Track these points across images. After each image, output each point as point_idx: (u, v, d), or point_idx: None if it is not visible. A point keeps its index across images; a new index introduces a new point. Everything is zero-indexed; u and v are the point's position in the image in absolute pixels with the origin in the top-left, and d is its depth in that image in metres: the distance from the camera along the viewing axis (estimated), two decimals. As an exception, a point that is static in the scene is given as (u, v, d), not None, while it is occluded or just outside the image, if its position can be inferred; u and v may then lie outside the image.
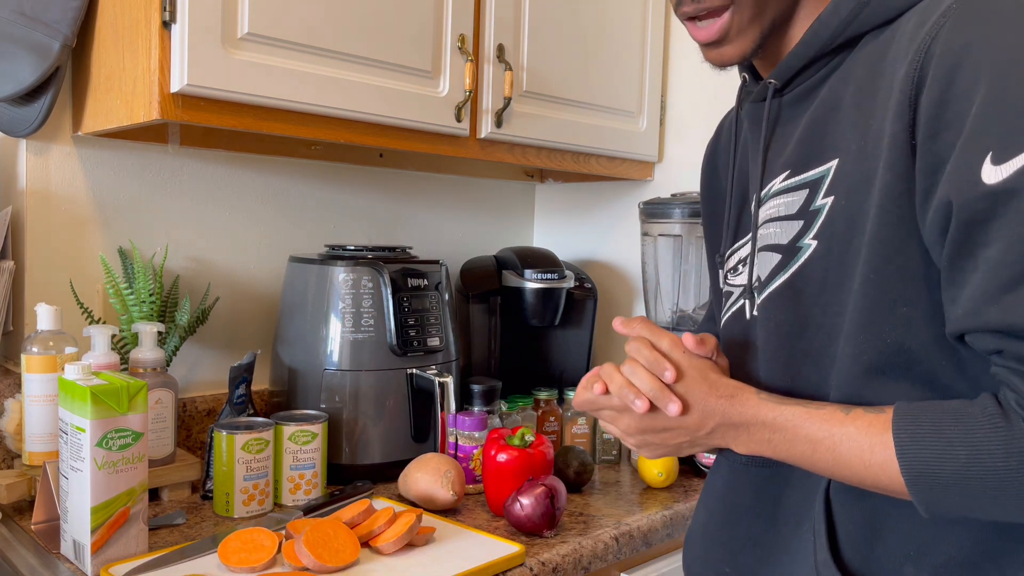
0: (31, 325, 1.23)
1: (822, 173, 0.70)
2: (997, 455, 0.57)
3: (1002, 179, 0.56)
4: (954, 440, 0.58)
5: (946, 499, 0.60)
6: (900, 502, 0.67)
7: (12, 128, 1.20)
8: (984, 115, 0.58)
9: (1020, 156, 0.56)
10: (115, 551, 0.95)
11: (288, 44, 1.12)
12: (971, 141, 0.58)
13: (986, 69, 0.58)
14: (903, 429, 0.61)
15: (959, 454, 0.58)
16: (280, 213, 1.52)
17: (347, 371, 1.29)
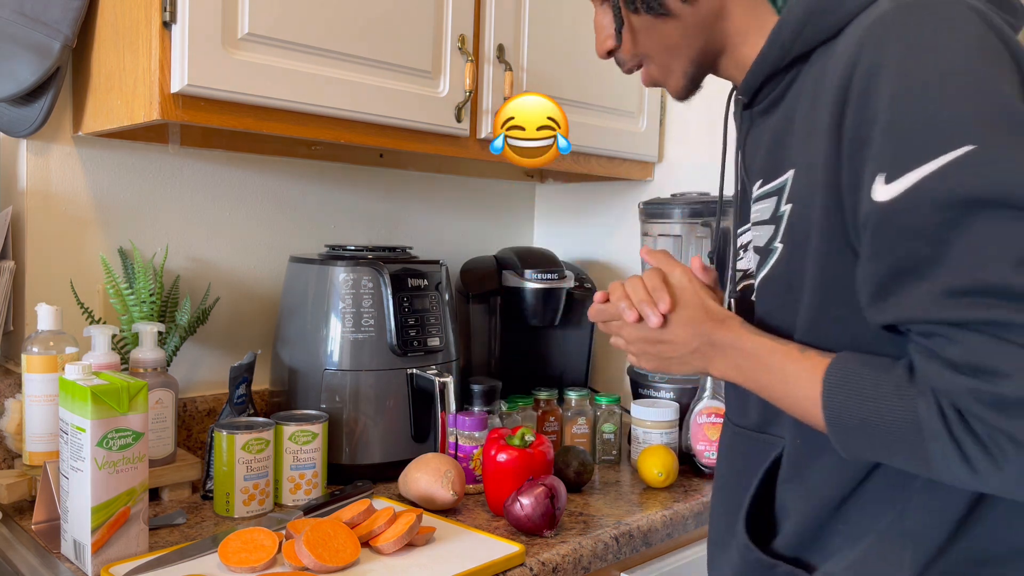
0: (31, 325, 1.23)
1: (783, 182, 0.75)
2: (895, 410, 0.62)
3: (894, 196, 0.61)
4: (865, 393, 0.64)
5: (853, 442, 0.66)
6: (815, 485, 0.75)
7: (12, 128, 1.20)
8: (883, 136, 0.62)
9: (909, 175, 0.60)
10: (115, 551, 0.95)
11: (288, 44, 1.12)
12: (873, 161, 0.63)
13: (890, 93, 0.62)
14: (832, 374, 0.67)
15: (867, 406, 0.64)
16: (280, 213, 1.52)
17: (347, 371, 1.29)
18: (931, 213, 0.59)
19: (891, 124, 0.62)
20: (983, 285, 0.57)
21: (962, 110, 0.60)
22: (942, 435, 0.59)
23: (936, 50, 0.62)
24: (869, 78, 0.64)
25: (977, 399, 0.57)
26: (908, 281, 0.60)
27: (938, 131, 0.60)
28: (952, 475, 0.61)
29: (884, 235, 0.62)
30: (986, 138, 0.58)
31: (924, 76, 0.61)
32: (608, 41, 0.84)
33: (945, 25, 0.63)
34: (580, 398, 1.50)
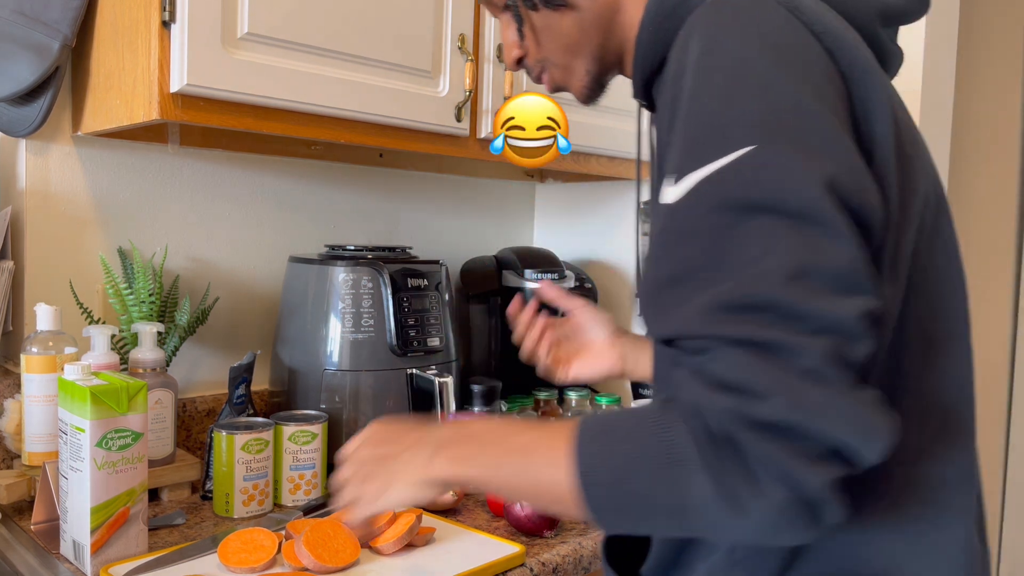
0: (31, 325, 1.23)
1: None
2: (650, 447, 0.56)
3: (676, 199, 0.58)
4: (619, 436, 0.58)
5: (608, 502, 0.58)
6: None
7: (12, 128, 1.20)
8: (677, 138, 0.60)
9: (691, 176, 0.57)
10: (115, 551, 0.95)
11: (288, 44, 1.12)
12: (669, 163, 0.61)
13: (688, 93, 0.60)
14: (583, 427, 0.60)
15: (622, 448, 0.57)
16: (280, 213, 1.52)
17: (347, 371, 1.29)
18: (707, 216, 0.56)
19: (683, 125, 0.60)
20: (754, 300, 0.53)
21: (746, 110, 0.57)
22: (697, 464, 0.53)
23: (729, 48, 0.60)
24: (678, 80, 0.62)
25: (739, 420, 0.52)
26: (682, 291, 0.56)
27: (721, 132, 0.57)
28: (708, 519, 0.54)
29: (664, 238, 0.59)
30: (767, 140, 0.56)
31: (714, 75, 0.59)
32: (515, 50, 0.83)
33: (743, 21, 0.61)
34: (580, 398, 1.50)
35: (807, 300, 0.52)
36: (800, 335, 0.51)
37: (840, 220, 0.54)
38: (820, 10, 0.63)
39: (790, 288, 0.52)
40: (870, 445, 0.51)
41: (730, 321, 0.53)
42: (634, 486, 0.56)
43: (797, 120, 0.56)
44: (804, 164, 0.55)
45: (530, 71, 0.84)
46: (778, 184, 0.54)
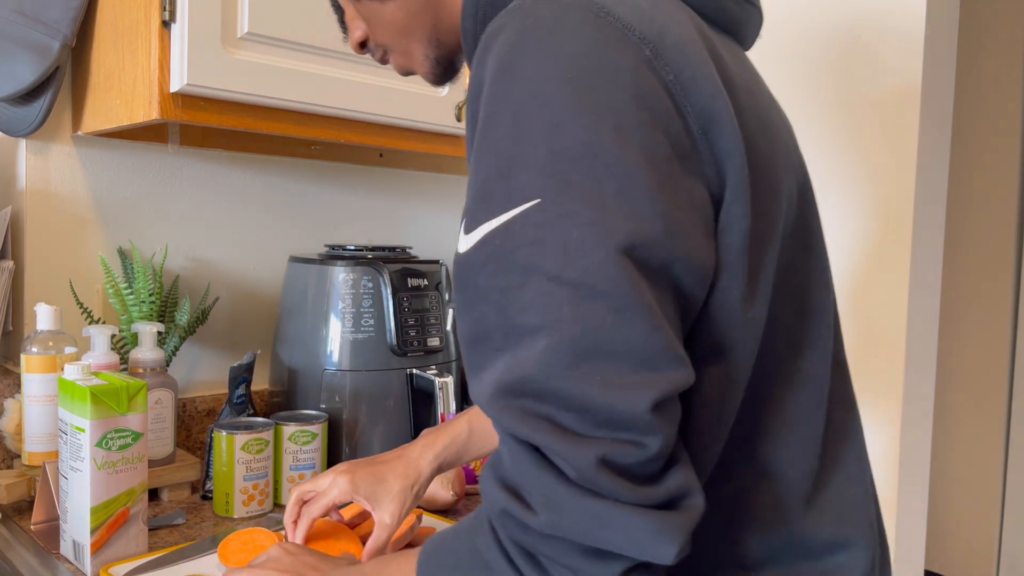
0: (31, 325, 1.23)
1: None
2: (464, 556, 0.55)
3: (466, 249, 0.52)
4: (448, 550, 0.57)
5: None
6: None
7: (12, 128, 1.20)
8: (471, 176, 0.54)
9: (482, 227, 0.51)
10: (115, 551, 0.95)
11: (288, 44, 1.12)
12: (464, 210, 0.55)
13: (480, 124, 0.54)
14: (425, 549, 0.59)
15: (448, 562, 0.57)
16: (280, 213, 1.52)
17: (347, 371, 1.29)
18: (493, 275, 0.50)
19: (475, 163, 0.53)
20: (533, 386, 0.48)
21: (535, 155, 0.50)
22: (502, 566, 0.51)
23: (522, 73, 0.51)
24: (476, 99, 0.55)
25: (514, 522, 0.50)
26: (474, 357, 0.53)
27: (507, 179, 0.50)
28: None
29: (462, 292, 0.53)
30: (554, 192, 0.49)
31: (504, 107, 0.52)
32: (355, 32, 0.78)
33: (541, 37, 0.52)
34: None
35: (589, 391, 0.47)
36: (574, 438, 0.47)
37: (629, 290, 0.47)
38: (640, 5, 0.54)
39: (572, 375, 0.47)
40: (654, 553, 0.48)
41: (510, 411, 0.49)
42: None
43: (590, 167, 0.49)
44: (593, 224, 0.48)
45: (373, 53, 0.79)
46: (561, 247, 0.48)
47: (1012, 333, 2.51)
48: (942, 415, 2.63)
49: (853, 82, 1.50)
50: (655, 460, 0.48)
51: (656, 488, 0.48)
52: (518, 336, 0.49)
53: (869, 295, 1.49)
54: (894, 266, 1.46)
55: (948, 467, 2.63)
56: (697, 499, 0.50)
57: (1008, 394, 2.52)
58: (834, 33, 1.52)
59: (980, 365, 2.56)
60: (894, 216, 1.46)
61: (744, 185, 0.54)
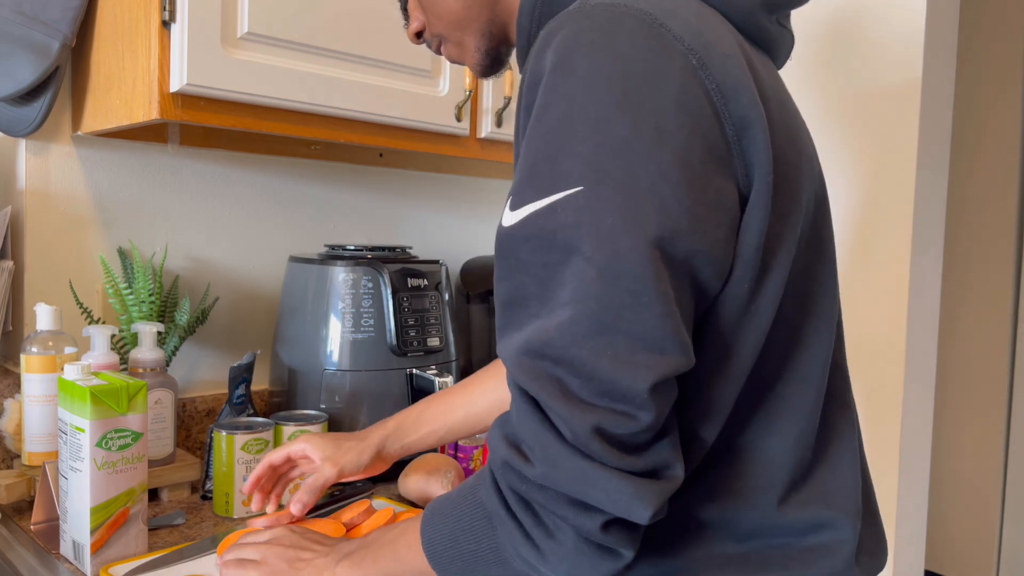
0: (30, 325, 1.23)
1: None
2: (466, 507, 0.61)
3: (511, 224, 0.58)
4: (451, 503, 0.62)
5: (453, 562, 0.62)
6: None
7: (11, 128, 1.20)
8: (520, 159, 0.59)
9: (527, 207, 0.57)
10: (114, 551, 0.95)
11: (288, 44, 1.12)
12: (511, 188, 0.60)
13: (536, 112, 0.59)
14: (430, 507, 0.65)
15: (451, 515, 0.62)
16: (280, 213, 1.52)
17: (347, 371, 1.29)
18: (533, 250, 0.56)
19: (526, 148, 0.58)
20: (552, 350, 0.53)
21: (581, 146, 0.55)
22: (501, 514, 0.57)
23: (577, 70, 0.56)
24: (532, 89, 0.60)
25: (512, 472, 0.55)
26: (506, 319, 0.58)
27: (555, 165, 0.56)
28: (524, 561, 0.57)
29: (503, 261, 0.59)
30: (595, 182, 0.54)
31: (559, 99, 0.57)
32: (413, 23, 0.83)
33: (598, 38, 0.57)
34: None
35: (599, 362, 0.52)
36: (577, 402, 0.52)
37: (650, 277, 0.52)
38: (690, 15, 0.60)
39: (587, 345, 0.52)
40: (631, 514, 0.53)
41: (527, 369, 0.54)
42: (463, 550, 0.60)
43: (630, 162, 0.54)
44: (625, 214, 0.53)
45: (429, 44, 0.84)
46: (595, 232, 0.53)
47: (1012, 333, 2.51)
48: (942, 415, 2.63)
49: (853, 81, 1.50)
50: (644, 432, 0.53)
51: (640, 458, 0.54)
52: (551, 306, 0.54)
53: (869, 295, 1.49)
54: (894, 266, 1.46)
55: (948, 467, 2.63)
56: (677, 472, 0.56)
57: (1008, 394, 2.52)
58: (834, 32, 1.52)
59: (980, 365, 2.56)
60: (894, 216, 1.46)
61: (768, 189, 0.59)
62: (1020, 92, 2.49)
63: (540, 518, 0.55)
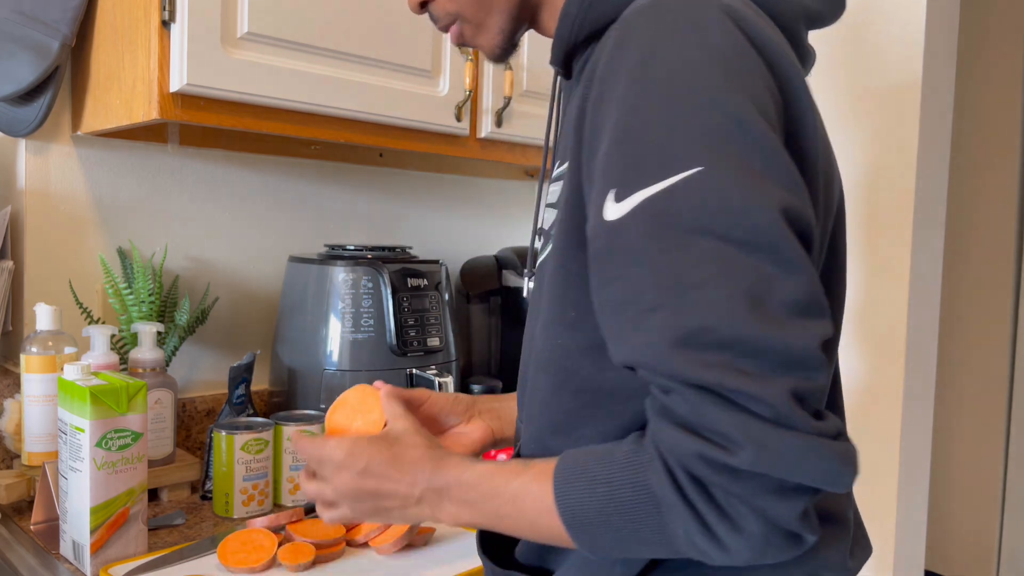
0: (30, 325, 1.23)
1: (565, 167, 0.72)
2: (626, 488, 0.56)
3: (620, 216, 0.55)
4: (596, 478, 0.58)
5: (599, 540, 0.59)
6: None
7: (11, 128, 1.20)
8: (612, 150, 0.57)
9: (637, 194, 0.55)
10: (114, 551, 0.95)
11: (288, 43, 1.12)
12: (602, 175, 0.58)
13: (620, 101, 0.57)
14: (561, 472, 0.60)
15: (600, 491, 0.57)
16: (280, 213, 1.52)
17: (347, 371, 1.29)
18: (653, 238, 0.54)
19: (622, 137, 0.57)
20: (713, 334, 0.51)
21: (692, 128, 0.55)
22: (677, 504, 0.54)
23: (672, 58, 0.57)
24: (606, 81, 0.59)
25: (708, 464, 0.52)
26: (632, 316, 0.55)
27: (665, 150, 0.55)
28: (698, 549, 0.55)
29: (611, 258, 0.57)
30: (714, 161, 0.54)
31: (656, 87, 0.56)
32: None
33: (686, 29, 0.58)
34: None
35: (767, 333, 0.51)
36: (761, 378, 0.51)
37: (794, 245, 0.53)
38: (757, 18, 0.61)
39: (749, 320, 0.51)
40: (839, 482, 0.52)
41: (689, 361, 0.52)
42: (618, 526, 0.57)
43: (743, 140, 0.54)
44: (753, 188, 0.53)
45: (435, 19, 0.79)
46: (726, 209, 0.53)
47: (1012, 333, 2.51)
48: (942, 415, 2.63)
49: (853, 81, 1.50)
50: (823, 396, 0.53)
51: (827, 423, 0.52)
52: (682, 291, 0.52)
53: (869, 294, 1.49)
54: (894, 266, 1.46)
55: (948, 467, 2.63)
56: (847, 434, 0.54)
57: (1008, 394, 2.52)
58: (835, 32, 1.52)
59: (980, 365, 2.56)
60: (894, 216, 1.46)
61: (817, 192, 0.61)
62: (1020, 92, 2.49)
63: (725, 511, 0.53)
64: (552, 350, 0.68)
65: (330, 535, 0.99)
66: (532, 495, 0.62)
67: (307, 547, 0.97)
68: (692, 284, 0.52)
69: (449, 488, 0.68)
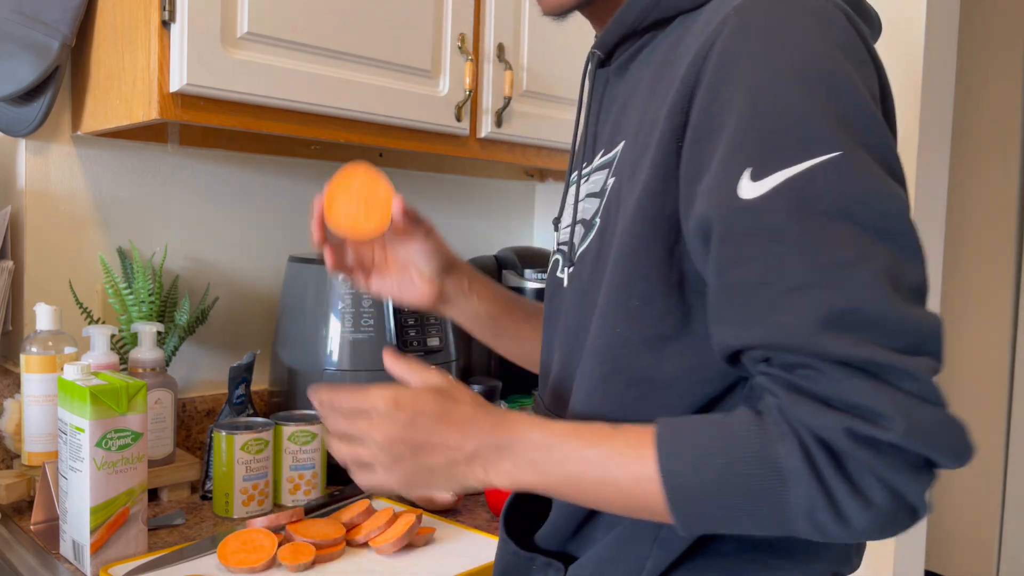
0: (30, 325, 1.23)
1: (615, 154, 0.71)
2: (751, 461, 0.55)
3: (758, 195, 0.56)
4: (711, 448, 0.57)
5: (705, 511, 0.57)
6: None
7: (11, 128, 1.20)
8: (745, 130, 0.57)
9: (777, 174, 0.55)
10: (114, 551, 0.95)
11: (288, 43, 1.12)
12: (731, 155, 0.57)
13: (750, 84, 0.58)
14: (664, 439, 0.59)
15: (716, 462, 0.56)
16: (280, 213, 1.52)
17: (347, 371, 1.29)
18: (795, 219, 0.55)
19: (758, 117, 0.57)
20: (858, 313, 0.53)
21: (828, 111, 0.56)
22: (806, 478, 0.54)
23: (803, 46, 0.58)
24: (726, 66, 0.59)
25: (853, 438, 0.52)
26: (773, 295, 0.55)
27: (805, 131, 0.56)
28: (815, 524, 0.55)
29: (747, 238, 0.56)
30: (850, 146, 0.55)
31: (792, 72, 0.57)
32: None
33: (813, 20, 0.59)
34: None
35: (908, 314, 0.53)
36: (904, 354, 0.53)
37: (915, 233, 0.56)
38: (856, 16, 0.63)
39: (892, 301, 0.53)
40: (964, 460, 0.54)
41: (838, 338, 0.53)
42: (731, 499, 0.56)
43: (873, 130, 0.57)
44: (882, 177, 0.56)
45: None
46: (861, 194, 0.55)
47: (1012, 333, 2.51)
48: (942, 415, 2.62)
49: (853, 82, 1.50)
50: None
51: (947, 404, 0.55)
52: (828, 271, 0.54)
53: (869, 295, 1.48)
54: (894, 266, 1.45)
55: (948, 467, 2.63)
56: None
57: (1008, 394, 2.52)
58: (834, 33, 1.52)
59: (980, 365, 2.56)
60: (894, 216, 1.45)
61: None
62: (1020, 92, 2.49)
63: (857, 486, 0.53)
64: (609, 339, 0.67)
65: (330, 535, 0.99)
66: (625, 461, 0.60)
67: (307, 547, 0.97)
68: (837, 265, 0.53)
69: (511, 446, 0.64)
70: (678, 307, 0.64)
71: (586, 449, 0.61)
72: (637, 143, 0.67)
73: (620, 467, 0.60)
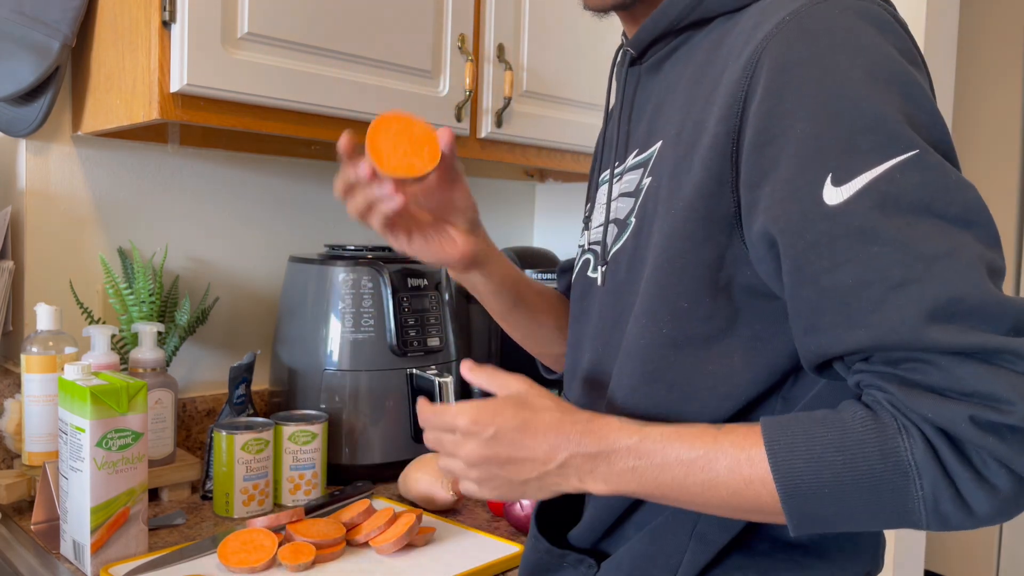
0: (31, 325, 1.23)
1: (651, 154, 0.70)
2: (872, 456, 0.55)
3: (843, 200, 0.56)
4: (827, 445, 0.56)
5: (821, 510, 0.57)
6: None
7: (12, 128, 1.20)
8: (819, 135, 0.58)
9: (860, 177, 0.56)
10: (115, 551, 0.95)
11: (288, 44, 1.12)
12: (808, 161, 0.57)
13: (818, 90, 0.58)
14: (775, 439, 0.58)
15: (833, 459, 0.56)
16: (280, 213, 1.52)
17: (347, 371, 1.29)
18: (884, 218, 0.55)
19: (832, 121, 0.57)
20: (962, 303, 0.53)
21: (904, 113, 0.57)
22: (931, 469, 0.54)
23: (869, 50, 0.59)
24: (788, 71, 0.59)
25: (977, 425, 0.53)
26: (879, 296, 0.55)
27: (884, 132, 0.57)
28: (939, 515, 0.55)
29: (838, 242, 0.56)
30: (926, 145, 0.57)
31: (863, 75, 0.58)
32: None
33: (872, 26, 0.60)
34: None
35: (1003, 300, 0.54)
36: (1008, 338, 0.53)
37: (993, 221, 0.57)
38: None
39: (989, 287, 0.54)
40: None
41: (947, 330, 0.53)
42: (851, 496, 0.56)
43: (936, 125, 0.59)
44: (956, 172, 0.57)
45: None
46: (944, 189, 0.56)
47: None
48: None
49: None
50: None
51: None
52: (924, 265, 0.54)
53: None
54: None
55: (948, 467, 2.63)
56: None
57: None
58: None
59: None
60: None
61: None
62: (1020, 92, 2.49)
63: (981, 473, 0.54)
64: (652, 339, 0.67)
65: (330, 535, 0.99)
66: (733, 464, 0.59)
67: (307, 547, 0.97)
68: (933, 258, 0.54)
69: (606, 453, 0.63)
70: (725, 309, 0.65)
71: (689, 452, 0.61)
72: (679, 143, 0.67)
73: (728, 470, 0.59)
